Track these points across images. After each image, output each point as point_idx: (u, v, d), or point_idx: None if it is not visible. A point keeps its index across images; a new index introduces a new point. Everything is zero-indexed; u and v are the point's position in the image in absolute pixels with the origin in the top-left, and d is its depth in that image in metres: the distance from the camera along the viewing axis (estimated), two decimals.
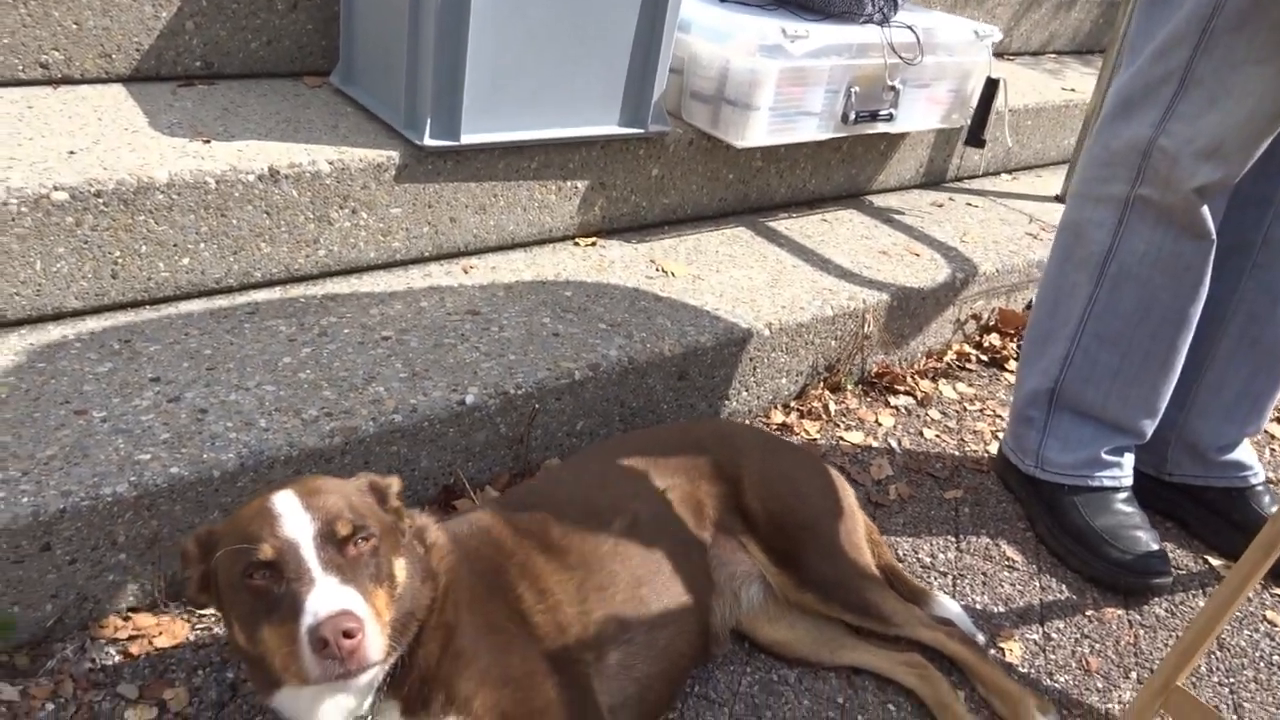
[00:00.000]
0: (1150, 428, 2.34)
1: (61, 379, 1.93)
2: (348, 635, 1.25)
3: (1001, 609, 2.18)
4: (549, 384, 2.19)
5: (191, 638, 1.79)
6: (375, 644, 1.29)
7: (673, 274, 2.75)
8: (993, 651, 2.05)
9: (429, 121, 2.40)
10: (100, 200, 2.04)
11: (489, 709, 1.46)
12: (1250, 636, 2.22)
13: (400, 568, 1.44)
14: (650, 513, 1.83)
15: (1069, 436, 2.38)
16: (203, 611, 1.83)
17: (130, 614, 1.79)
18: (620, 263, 2.78)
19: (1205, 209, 2.07)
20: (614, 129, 2.73)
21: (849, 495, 2.09)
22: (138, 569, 1.77)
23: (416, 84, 2.43)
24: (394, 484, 1.54)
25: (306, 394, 2.00)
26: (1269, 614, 2.30)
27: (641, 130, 2.77)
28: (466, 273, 2.59)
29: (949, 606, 2.07)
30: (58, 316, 2.10)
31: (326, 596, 1.28)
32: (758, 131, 2.87)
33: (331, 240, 2.39)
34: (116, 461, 1.74)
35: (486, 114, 2.47)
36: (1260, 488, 2.45)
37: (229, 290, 2.31)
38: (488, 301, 2.46)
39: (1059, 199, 3.91)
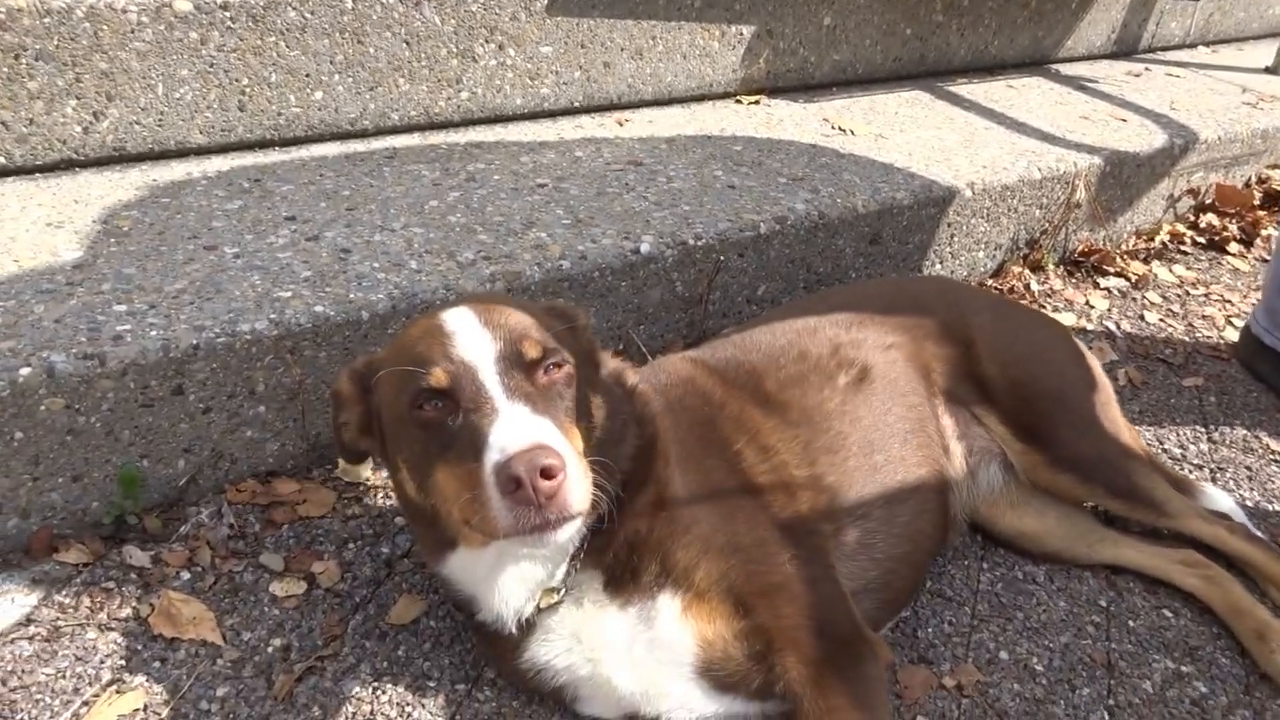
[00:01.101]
0: None
1: (188, 214, 1.68)
2: (546, 474, 0.96)
3: (1276, 506, 1.81)
4: (731, 236, 1.87)
5: (339, 508, 1.54)
6: (579, 488, 1.00)
7: (852, 132, 2.40)
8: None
9: None
10: (228, 14, 1.78)
11: (714, 582, 1.17)
12: None
13: (599, 405, 1.16)
14: (879, 369, 1.51)
15: None
16: (351, 480, 1.58)
17: (270, 478, 1.55)
18: (790, 120, 2.43)
19: None
20: None
21: (1098, 365, 1.73)
22: (279, 425, 1.52)
23: None
24: (584, 313, 1.25)
25: (459, 237, 1.72)
26: None
27: None
28: (621, 125, 2.27)
29: (1221, 500, 1.71)
30: (181, 153, 1.86)
31: (517, 428, 1.00)
32: None
33: (475, 80, 2.10)
34: (254, 298, 1.49)
35: None
36: None
37: (364, 134, 2.04)
38: (649, 153, 2.15)
39: (1270, 70, 3.41)
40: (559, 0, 2.11)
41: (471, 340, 1.07)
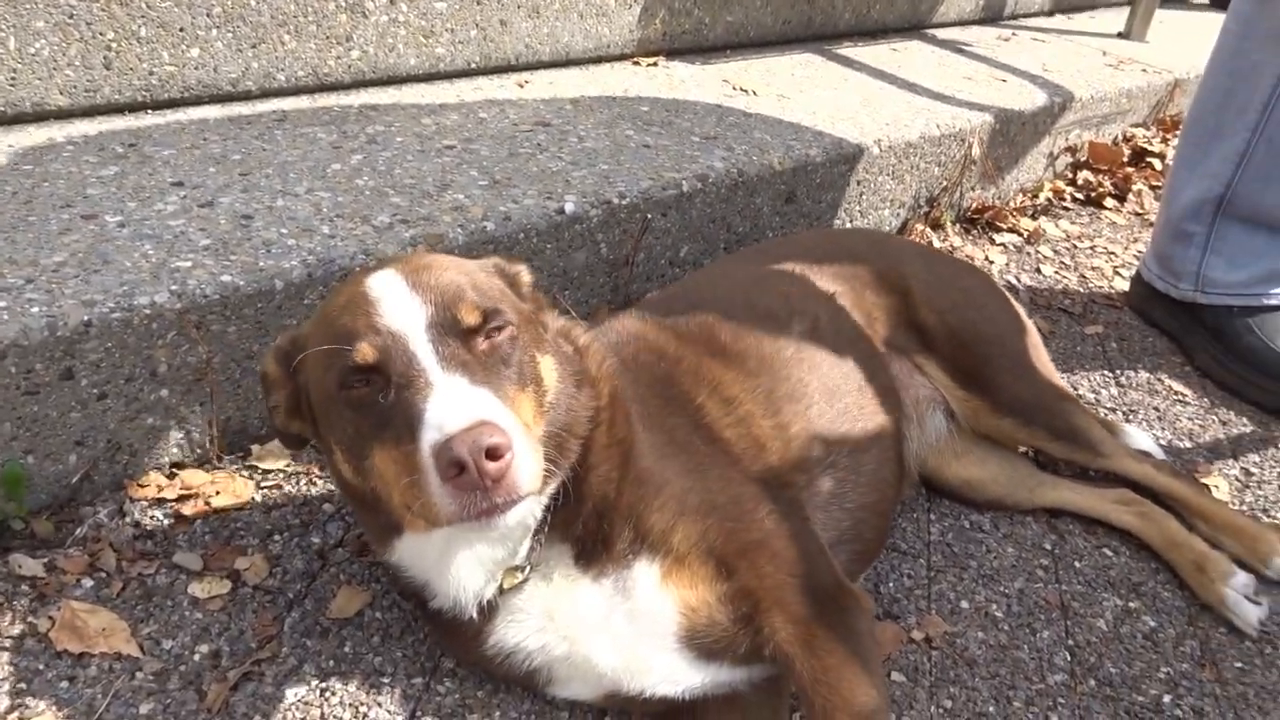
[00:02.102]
0: None
1: (57, 181, 1.49)
2: (491, 454, 0.86)
3: (1187, 444, 1.87)
4: (655, 195, 1.80)
5: (259, 498, 1.40)
6: (529, 465, 0.91)
7: (754, 92, 2.36)
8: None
9: None
10: None
11: (693, 545, 1.10)
12: None
13: (548, 367, 1.07)
14: (829, 317, 1.47)
15: (1238, 250, 2.06)
16: (272, 467, 1.43)
17: (176, 469, 1.39)
18: (691, 81, 2.37)
19: None
20: None
21: (1022, 310, 1.75)
22: (184, 410, 1.36)
23: None
24: (525, 269, 1.16)
25: (371, 200, 1.59)
26: None
27: None
28: (522, 87, 2.17)
29: (1142, 439, 1.76)
30: (40, 116, 1.65)
31: (454, 403, 0.90)
32: None
33: (366, 38, 1.95)
34: (148, 269, 1.32)
35: None
36: None
37: (248, 96, 1.87)
38: (556, 114, 2.05)
39: (1123, 35, 3.57)
40: None
41: (399, 307, 0.96)
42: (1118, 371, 2.07)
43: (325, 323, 1.00)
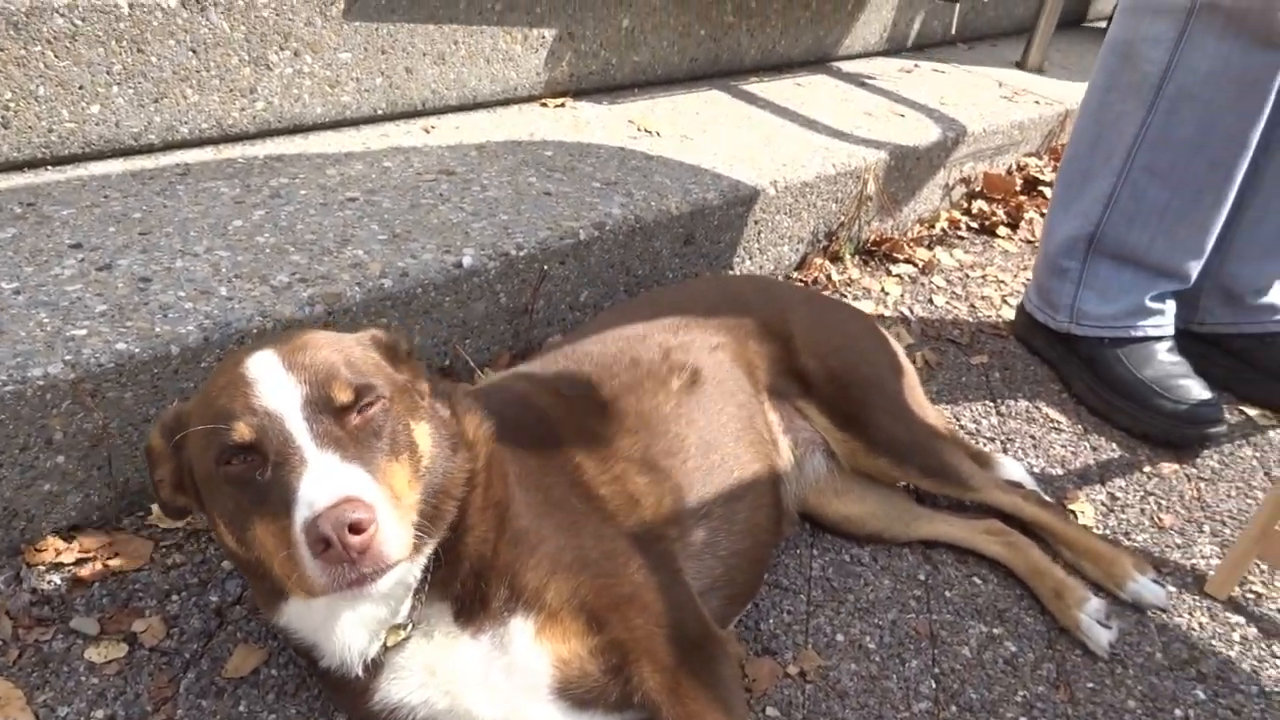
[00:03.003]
0: (1196, 270, 2.17)
1: None
2: (355, 529, 0.94)
3: (1059, 471, 1.99)
4: (552, 245, 1.87)
5: (157, 558, 1.44)
6: (394, 536, 0.98)
7: (658, 133, 2.44)
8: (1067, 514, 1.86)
9: None
10: None
11: (565, 601, 1.18)
12: None
13: (423, 434, 1.13)
14: (708, 371, 1.55)
15: (1108, 285, 2.19)
16: (172, 525, 1.47)
17: (74, 533, 1.43)
18: (597, 123, 2.45)
19: None
20: None
21: (902, 352, 1.85)
22: (81, 475, 1.40)
23: None
24: (404, 339, 1.22)
25: (270, 259, 1.64)
26: None
27: None
28: (428, 133, 2.22)
29: (1014, 469, 1.88)
30: None
31: (324, 481, 0.97)
32: None
33: (271, 90, 1.99)
34: (43, 338, 1.36)
35: None
36: None
37: (151, 149, 1.90)
38: (460, 161, 2.11)
39: (1019, 65, 3.73)
40: (356, 5, 2.03)
41: (276, 387, 1.03)
42: (999, 401, 2.19)
43: (206, 402, 1.06)
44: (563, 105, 2.52)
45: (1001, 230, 2.99)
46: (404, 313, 1.67)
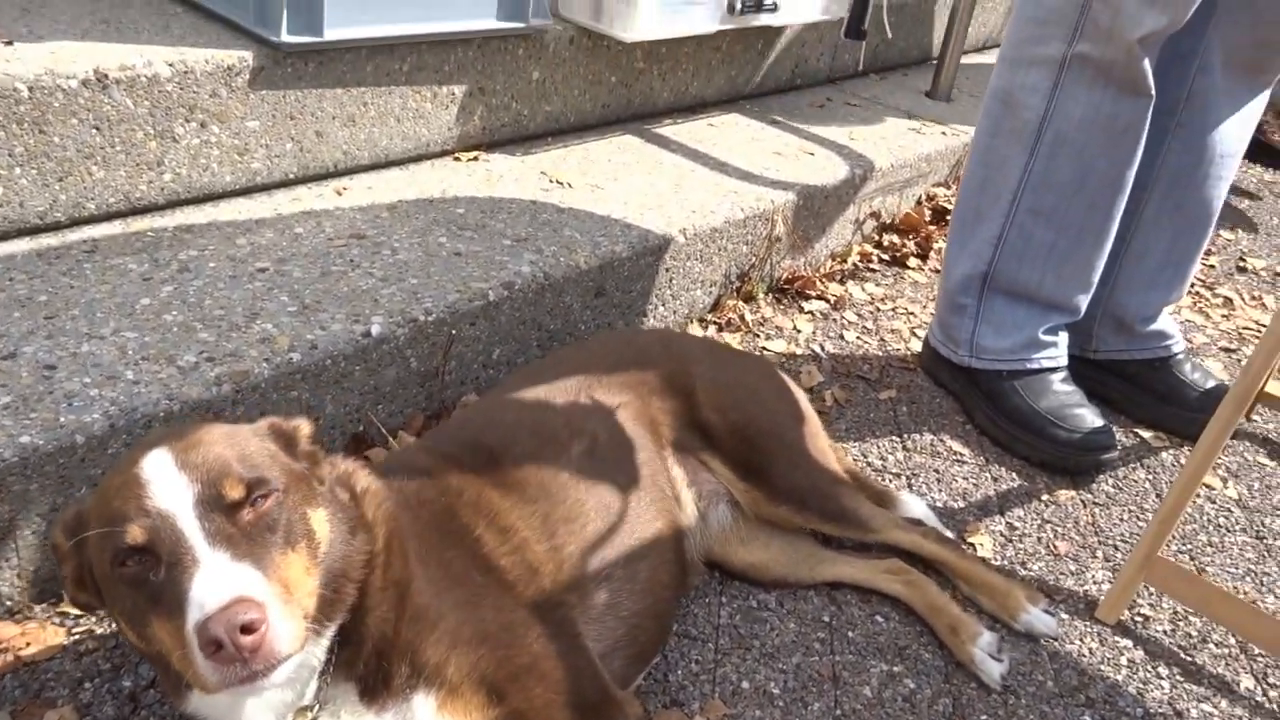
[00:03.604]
0: (1084, 303, 2.28)
1: None
2: (246, 629, 0.97)
3: (961, 504, 2.08)
4: (461, 307, 1.92)
5: (69, 644, 1.46)
6: (286, 632, 1.02)
7: (569, 185, 2.50)
8: (965, 547, 1.95)
9: (285, 15, 2.04)
10: None
11: (465, 675, 1.22)
12: (1195, 503, 2.21)
13: (320, 520, 1.17)
14: (608, 433, 1.61)
15: (1003, 320, 2.29)
16: (83, 615, 1.49)
17: None
18: (510, 176, 2.50)
19: (1146, 62, 1.98)
20: (493, 23, 2.44)
21: (804, 398, 1.93)
22: None
23: None
24: (304, 425, 1.26)
25: (178, 338, 1.66)
26: (1205, 479, 2.30)
27: (523, 24, 2.49)
28: (340, 194, 2.26)
29: (915, 506, 1.96)
30: None
31: (214, 582, 1.00)
32: (646, 22, 2.64)
33: (178, 161, 2.02)
34: None
35: (352, 6, 2.13)
36: (1181, 355, 2.45)
37: (58, 227, 1.91)
38: (372, 223, 2.15)
39: (929, 95, 3.85)
40: (262, 74, 2.07)
41: (168, 487, 1.06)
42: (905, 435, 2.27)
43: (103, 503, 1.09)
44: (476, 159, 2.57)
45: (912, 261, 3.09)
46: (314, 385, 1.71)
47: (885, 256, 3.10)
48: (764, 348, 2.52)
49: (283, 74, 2.10)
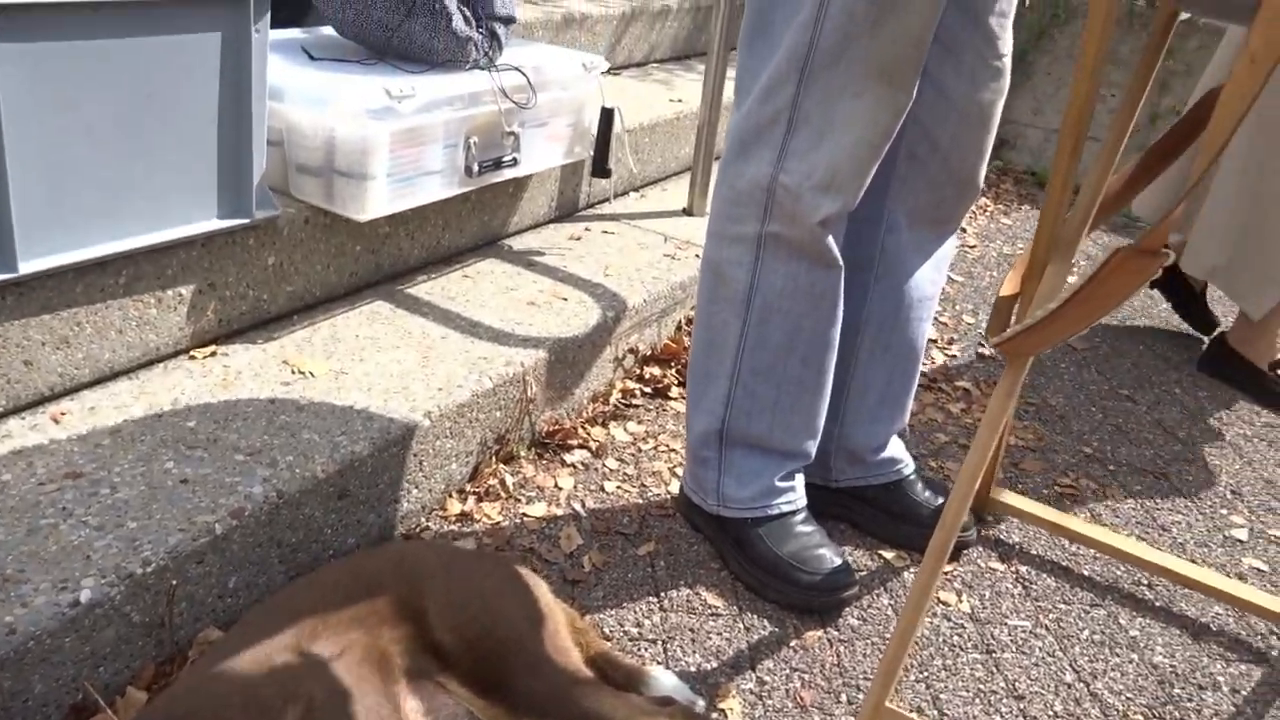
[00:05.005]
0: (814, 448, 2.43)
1: None
2: None
3: (714, 664, 2.17)
4: (185, 548, 1.87)
5: None
6: None
7: (312, 374, 2.48)
8: (715, 715, 2.03)
9: None
10: None
11: None
12: (930, 622, 2.37)
13: None
14: (326, 690, 1.60)
15: (744, 471, 2.41)
16: None
17: None
18: (249, 371, 2.46)
19: (830, 239, 2.15)
20: (214, 223, 2.41)
21: (544, 592, 1.98)
22: None
23: None
24: None
25: None
26: (941, 594, 2.48)
27: (246, 219, 2.47)
28: (59, 421, 2.17)
29: (665, 681, 2.02)
30: None
31: None
32: (377, 202, 2.66)
33: None
34: None
35: (49, 232, 2.07)
36: (913, 477, 2.63)
37: None
38: (91, 456, 2.07)
39: (687, 211, 4.03)
40: None
41: None
42: (663, 594, 2.35)
43: None
44: (213, 354, 2.51)
45: (674, 390, 3.21)
46: (15, 671, 1.63)
47: (647, 389, 3.21)
48: (524, 514, 2.56)
49: None
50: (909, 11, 1.95)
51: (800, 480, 2.47)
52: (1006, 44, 2.25)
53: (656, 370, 3.26)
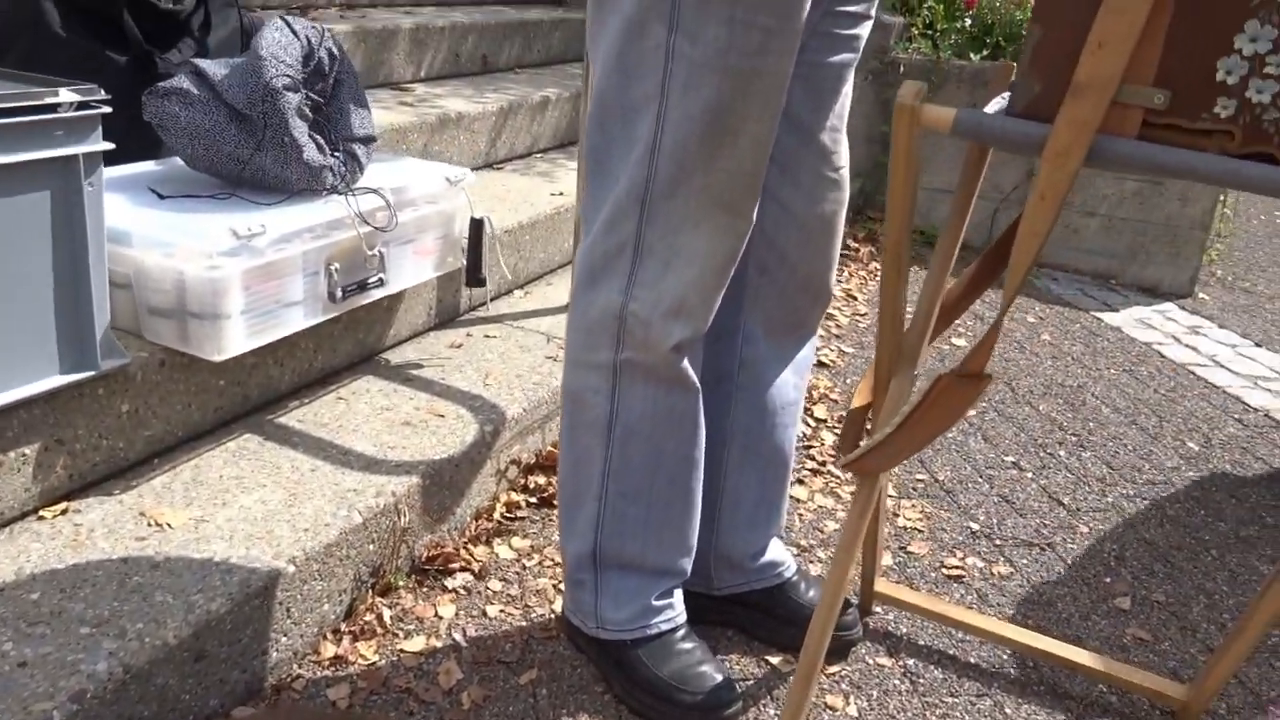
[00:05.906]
0: (689, 564, 2.42)
1: None
2: None
3: None
4: None
5: None
6: None
7: (169, 525, 2.40)
8: None
9: None
10: None
11: None
12: None
13: None
14: None
15: (620, 592, 2.39)
16: None
17: None
18: (102, 528, 2.37)
19: (685, 363, 2.16)
20: (56, 379, 2.33)
21: None
22: None
23: None
24: None
25: None
26: (828, 698, 2.47)
27: (93, 371, 2.39)
28: None
29: None
30: None
31: None
32: (234, 340, 2.61)
33: None
34: None
35: None
36: (794, 578, 2.64)
37: None
38: None
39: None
40: None
41: None
42: None
43: None
44: (64, 512, 2.41)
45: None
46: None
47: (533, 499, 3.17)
48: (402, 650, 2.49)
49: None
50: (741, 143, 1.99)
51: (679, 596, 2.46)
52: (842, 156, 2.31)
53: (541, 479, 3.23)
